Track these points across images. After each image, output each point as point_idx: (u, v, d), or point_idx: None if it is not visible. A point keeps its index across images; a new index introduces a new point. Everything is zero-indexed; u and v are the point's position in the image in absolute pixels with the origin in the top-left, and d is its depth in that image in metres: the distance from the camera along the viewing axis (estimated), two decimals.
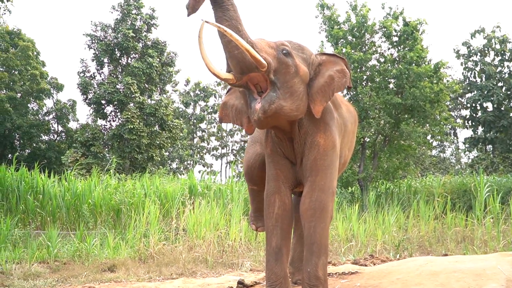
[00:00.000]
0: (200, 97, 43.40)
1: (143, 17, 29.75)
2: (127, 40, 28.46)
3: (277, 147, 4.12)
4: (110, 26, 29.21)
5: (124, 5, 29.29)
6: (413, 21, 20.90)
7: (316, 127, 4.00)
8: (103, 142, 28.43)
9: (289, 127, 3.96)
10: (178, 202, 12.66)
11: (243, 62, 3.57)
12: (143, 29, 29.64)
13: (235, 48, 3.55)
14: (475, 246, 9.12)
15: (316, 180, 3.99)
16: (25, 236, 10.87)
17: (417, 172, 26.89)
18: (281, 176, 4.07)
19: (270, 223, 4.06)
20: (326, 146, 4.02)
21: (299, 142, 4.01)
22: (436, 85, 20.28)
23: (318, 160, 3.99)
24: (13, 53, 32.24)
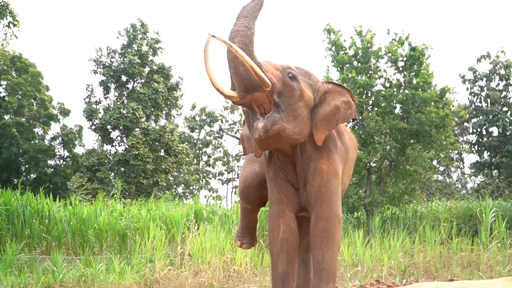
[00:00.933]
0: (206, 122, 43.30)
1: (149, 41, 29.84)
2: (132, 66, 28.58)
3: (279, 171, 4.09)
4: (117, 51, 29.38)
5: (130, 31, 29.45)
6: (419, 46, 20.97)
7: (319, 154, 3.99)
8: (109, 167, 28.45)
9: (291, 151, 3.95)
10: (183, 226, 12.68)
11: (247, 79, 3.57)
12: (149, 53, 29.75)
13: (240, 65, 3.54)
14: (480, 271, 9.09)
15: (321, 209, 3.99)
16: (31, 261, 10.86)
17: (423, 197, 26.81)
18: (285, 199, 4.04)
19: (275, 249, 4.02)
20: (329, 173, 4.01)
21: (302, 167, 4.00)
22: (442, 110, 20.30)
23: (322, 187, 3.97)
24: (24, 79, 32.38)
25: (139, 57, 29.02)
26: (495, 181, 32.81)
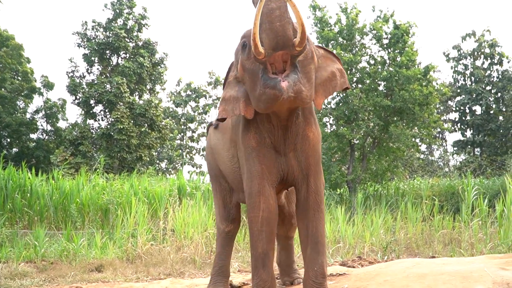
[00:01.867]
0: (191, 98, 43.39)
1: (135, 16, 29.70)
2: (118, 40, 28.43)
3: (266, 137, 3.95)
4: (102, 25, 29.12)
5: (117, 4, 29.22)
6: (403, 24, 21.02)
7: (306, 121, 3.92)
8: (92, 142, 28.38)
9: (288, 114, 3.84)
10: (166, 202, 12.66)
11: (282, 36, 3.38)
12: (135, 29, 29.58)
13: (277, 20, 3.36)
14: (462, 248, 9.14)
15: (311, 182, 3.95)
16: (12, 236, 10.81)
17: (405, 175, 27.00)
18: (266, 172, 3.93)
19: (256, 228, 3.95)
20: (316, 140, 3.97)
21: (293, 132, 3.89)
22: (426, 88, 20.42)
23: (310, 156, 3.92)
24: (5, 52, 32.13)
25: (125, 31, 28.84)
26: (477, 159, 33.04)
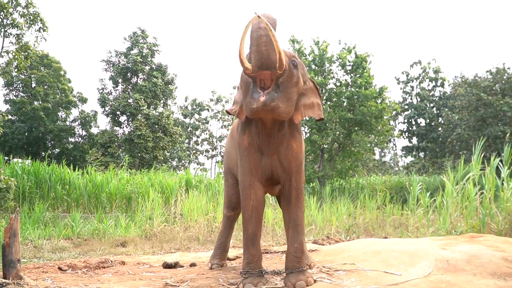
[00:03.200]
0: (196, 111, 43.84)
1: (148, 45, 29.80)
2: (136, 65, 28.73)
3: (255, 139, 3.94)
4: (123, 53, 29.35)
5: (133, 36, 29.48)
6: (362, 54, 21.20)
7: (291, 134, 3.93)
8: (118, 144, 28.48)
9: (271, 124, 3.82)
10: (176, 192, 12.65)
11: (266, 58, 3.41)
12: (149, 55, 29.69)
13: (263, 45, 3.39)
14: (409, 231, 9.17)
15: (293, 180, 3.96)
16: (54, 218, 10.76)
17: (364, 172, 27.07)
18: (254, 170, 3.92)
19: (247, 214, 3.96)
20: (298, 150, 3.98)
21: (276, 140, 3.85)
22: (380, 104, 20.59)
23: (292, 162, 3.93)
24: (47, 72, 32.31)
25: (141, 58, 28.99)
26: (421, 161, 33.21)
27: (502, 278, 3.67)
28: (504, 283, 3.53)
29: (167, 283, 4.07)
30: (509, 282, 3.57)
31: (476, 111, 25.89)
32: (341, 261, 4.41)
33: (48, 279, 4.30)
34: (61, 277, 4.51)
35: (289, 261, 3.89)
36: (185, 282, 4.09)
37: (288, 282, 3.77)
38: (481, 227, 7.10)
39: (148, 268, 5.19)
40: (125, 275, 4.70)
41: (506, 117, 24.76)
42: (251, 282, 3.78)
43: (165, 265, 5.15)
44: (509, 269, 3.85)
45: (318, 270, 4.21)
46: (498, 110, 24.75)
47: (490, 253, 4.19)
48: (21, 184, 12.11)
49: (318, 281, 3.83)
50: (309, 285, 3.71)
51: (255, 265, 3.93)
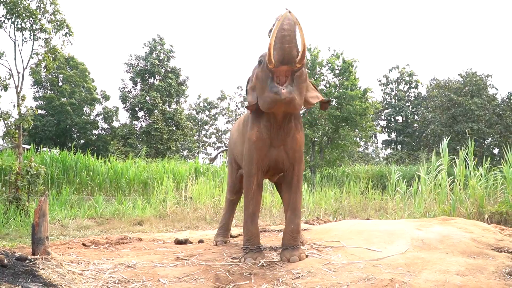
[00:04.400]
0: (206, 108, 44.04)
1: (165, 51, 29.79)
2: (153, 67, 28.78)
3: (264, 133, 3.85)
4: (142, 57, 29.36)
5: (152, 42, 29.48)
6: (349, 59, 21.15)
7: (296, 127, 3.89)
8: (137, 137, 28.51)
9: (282, 117, 3.78)
10: (186, 178, 12.63)
11: (288, 54, 3.35)
12: (165, 59, 29.71)
13: (287, 42, 3.32)
14: (388, 214, 9.17)
15: (295, 169, 3.92)
16: (79, 200, 10.72)
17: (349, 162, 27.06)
18: (260, 162, 3.88)
19: (249, 196, 3.92)
20: (301, 141, 3.94)
21: (284, 132, 3.81)
22: (364, 104, 20.57)
23: (296, 151, 3.88)
24: (74, 73, 32.43)
25: (158, 61, 29.00)
26: (399, 153, 33.21)
27: (472, 257, 3.65)
28: (473, 261, 3.50)
29: (178, 257, 4.04)
30: (477, 260, 3.55)
31: (448, 110, 25.87)
32: (329, 239, 4.40)
33: (73, 254, 4.27)
34: (85, 252, 4.49)
35: (286, 239, 3.87)
36: (194, 256, 4.07)
37: (284, 256, 3.75)
38: (451, 211, 7.08)
39: (161, 244, 5.17)
40: (141, 250, 4.68)
41: (474, 115, 24.74)
42: (251, 257, 3.76)
43: (177, 242, 5.13)
44: (477, 248, 3.83)
45: (309, 246, 4.19)
46: (467, 109, 24.73)
47: (460, 234, 4.17)
48: (50, 171, 12.03)
49: (310, 256, 3.81)
50: (302, 260, 3.70)
51: (254, 241, 3.92)
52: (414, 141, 34.74)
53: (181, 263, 3.79)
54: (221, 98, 44.20)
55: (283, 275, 3.31)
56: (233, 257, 3.98)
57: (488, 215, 6.42)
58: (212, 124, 44.30)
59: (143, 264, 3.75)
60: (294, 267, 3.49)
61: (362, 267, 3.43)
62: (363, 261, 3.57)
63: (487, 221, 6.22)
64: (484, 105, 25.19)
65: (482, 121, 24.72)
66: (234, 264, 3.69)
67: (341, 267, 3.44)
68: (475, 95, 25.59)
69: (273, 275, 3.33)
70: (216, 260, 3.86)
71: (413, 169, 19.94)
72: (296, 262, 3.64)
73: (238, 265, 3.64)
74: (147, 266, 3.68)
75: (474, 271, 3.23)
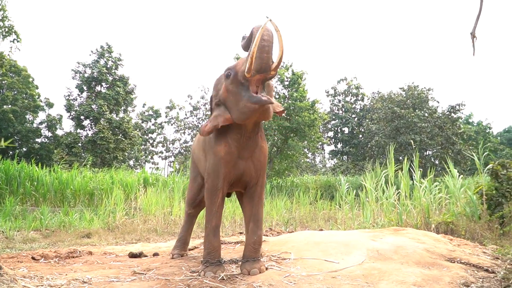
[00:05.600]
0: (152, 116, 43.34)
1: (113, 58, 29.19)
2: (101, 75, 28.16)
3: (233, 147, 3.80)
4: (89, 64, 28.65)
5: (100, 50, 28.80)
6: (298, 71, 21.47)
7: (261, 136, 3.89)
8: (82, 145, 27.68)
9: (252, 127, 3.76)
10: (135, 189, 12.38)
11: (265, 64, 3.36)
12: (113, 67, 29.08)
13: (266, 52, 3.34)
14: (338, 224, 9.29)
15: (259, 180, 3.92)
16: (23, 211, 10.28)
17: (298, 172, 27.40)
18: (227, 176, 3.81)
19: (213, 209, 3.85)
20: (266, 150, 3.94)
21: (253, 143, 3.80)
22: (312, 115, 20.89)
23: (262, 162, 3.88)
24: (17, 79, 31.25)
25: (106, 69, 28.41)
26: (345, 163, 33.92)
27: (426, 267, 3.75)
28: (429, 272, 3.61)
29: (135, 271, 3.93)
30: (432, 270, 3.66)
31: (391, 122, 26.74)
32: (287, 250, 4.41)
33: (24, 268, 4.07)
34: (35, 266, 4.29)
35: (247, 251, 3.85)
36: (151, 270, 3.98)
37: (244, 269, 3.73)
38: (399, 221, 7.28)
39: (114, 257, 5.02)
40: (94, 264, 4.53)
41: (416, 127, 25.69)
42: (211, 270, 3.71)
43: (131, 255, 5.00)
44: (431, 259, 3.95)
45: (268, 258, 4.19)
46: (410, 121, 25.66)
47: (413, 244, 4.29)
48: None
49: (269, 268, 3.81)
50: (262, 272, 3.68)
51: (214, 255, 3.86)
52: (359, 152, 35.66)
53: (139, 278, 3.69)
54: (170, 107, 43.67)
55: None
56: (192, 270, 3.92)
57: (434, 225, 6.64)
58: (159, 133, 43.68)
59: (99, 279, 3.62)
60: (254, 280, 3.48)
61: (322, 279, 3.46)
62: (322, 273, 3.60)
63: (434, 231, 6.44)
64: (425, 118, 26.22)
65: (424, 133, 25.70)
66: (194, 278, 3.63)
67: (301, 279, 3.45)
68: (417, 108, 26.62)
69: None
70: (175, 274, 3.79)
71: (359, 179, 20.44)
72: (257, 275, 3.63)
73: (198, 279, 3.58)
74: (103, 281, 3.56)
75: (430, 281, 3.32)
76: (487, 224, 6.31)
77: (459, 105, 26.75)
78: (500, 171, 6.76)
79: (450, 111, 26.87)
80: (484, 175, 7.22)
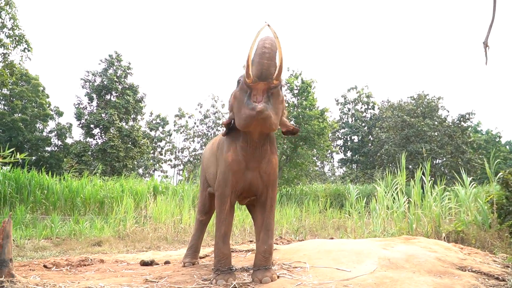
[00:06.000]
0: (160, 124, 43.52)
1: (122, 67, 29.35)
2: (111, 83, 28.28)
3: (240, 155, 3.84)
4: (99, 73, 28.78)
5: (109, 58, 28.97)
6: (307, 80, 21.50)
7: (271, 150, 3.91)
8: (92, 154, 27.83)
9: (258, 137, 3.78)
10: (146, 197, 12.45)
11: (266, 70, 3.38)
12: (122, 76, 29.24)
13: (266, 59, 3.37)
14: (348, 232, 9.26)
15: (270, 192, 3.95)
16: (34, 220, 10.37)
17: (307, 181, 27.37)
18: (235, 184, 3.85)
19: (222, 216, 3.90)
20: (276, 164, 3.96)
21: (260, 154, 3.82)
22: (322, 123, 20.90)
23: (271, 175, 3.91)
24: (26, 88, 31.58)
25: (115, 77, 28.58)
26: (354, 172, 33.83)
27: (438, 276, 3.75)
28: (440, 280, 3.61)
29: (147, 279, 3.97)
30: (444, 279, 3.66)
31: (401, 131, 26.65)
32: (299, 259, 4.42)
33: (36, 276, 4.12)
34: (48, 274, 4.33)
35: (258, 260, 3.87)
36: (163, 278, 4.01)
37: (256, 277, 3.75)
38: (409, 229, 7.25)
39: (126, 265, 5.05)
40: (106, 272, 4.56)
41: (426, 136, 25.58)
42: (222, 278, 3.73)
43: (143, 263, 5.03)
44: (443, 268, 3.95)
45: (279, 267, 4.20)
46: (420, 130, 25.56)
47: (425, 253, 4.28)
48: (2, 189, 11.65)
49: (281, 277, 3.83)
50: (274, 281, 3.70)
51: (225, 262, 3.89)
52: (369, 160, 35.56)
53: (151, 286, 3.72)
54: (179, 115, 43.88)
55: None
56: (203, 278, 3.94)
57: (445, 233, 6.62)
58: (167, 141, 43.86)
59: (112, 287, 3.66)
60: None
61: (334, 287, 3.47)
62: (333, 281, 3.61)
63: (444, 239, 6.42)
64: (435, 126, 26.11)
65: (434, 142, 25.59)
66: (206, 286, 3.65)
67: None
68: (427, 117, 26.52)
69: None
70: (187, 282, 3.81)
71: (368, 187, 20.38)
72: (268, 283, 3.65)
73: (210, 287, 3.61)
74: None
75: None
76: (497, 233, 6.28)
77: (469, 114, 26.61)
78: (511, 180, 6.73)
79: (460, 120, 26.74)
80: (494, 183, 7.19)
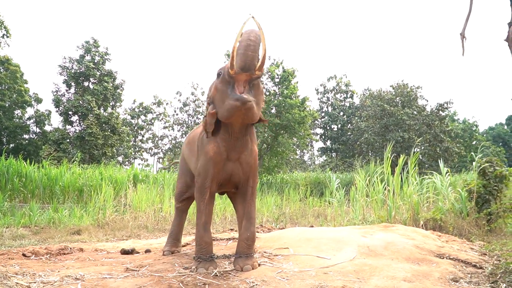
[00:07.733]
0: (142, 113, 43.12)
1: (100, 53, 28.84)
2: (88, 70, 27.81)
3: (221, 147, 3.83)
4: (76, 59, 28.24)
5: (86, 45, 28.42)
6: (289, 69, 21.52)
7: (252, 140, 3.93)
8: (70, 141, 27.45)
9: (239, 128, 3.78)
10: (125, 185, 12.36)
11: (250, 62, 3.38)
12: (100, 62, 28.73)
13: (250, 50, 3.36)
14: (327, 220, 9.35)
15: (249, 181, 3.97)
16: (12, 208, 10.21)
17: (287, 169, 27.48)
18: (215, 176, 3.87)
19: (202, 206, 3.90)
20: (256, 154, 3.98)
21: (241, 145, 3.82)
22: (302, 112, 20.98)
23: (252, 165, 3.93)
24: (4, 74, 30.87)
25: (93, 64, 28.10)
26: (334, 160, 34.07)
27: (416, 263, 3.82)
28: (418, 267, 3.67)
29: (128, 268, 3.95)
30: (422, 266, 3.73)
31: (381, 120, 26.89)
32: (280, 246, 4.45)
33: (15, 265, 4.07)
34: (27, 263, 4.28)
35: (240, 247, 3.89)
36: (144, 267, 3.99)
37: (237, 265, 3.77)
38: (388, 217, 7.36)
39: (106, 254, 5.02)
40: (86, 261, 4.53)
41: (405, 125, 25.86)
42: (203, 266, 3.74)
43: (123, 252, 5.00)
44: (421, 255, 4.02)
45: (260, 255, 4.23)
46: (399, 119, 25.82)
47: (403, 240, 4.35)
48: None
49: (262, 264, 3.85)
50: (255, 268, 3.73)
51: (206, 250, 3.90)
52: (348, 149, 35.84)
53: (131, 274, 3.70)
54: (156, 103, 43.54)
55: (237, 285, 3.32)
56: (184, 267, 3.94)
57: (423, 221, 6.73)
58: (148, 129, 43.54)
59: (92, 276, 3.63)
60: (247, 276, 3.51)
61: (314, 274, 3.51)
62: (314, 269, 3.64)
63: (422, 227, 6.53)
64: (414, 115, 26.41)
65: (412, 131, 25.89)
66: (187, 274, 3.65)
67: (293, 275, 3.50)
68: (406, 106, 26.80)
69: (228, 285, 3.34)
70: (168, 270, 3.81)
71: (348, 176, 20.56)
72: (249, 271, 3.67)
73: (191, 275, 3.61)
74: (96, 278, 3.57)
75: (420, 277, 3.39)
76: (474, 221, 6.41)
77: (447, 103, 26.95)
78: (488, 169, 6.87)
79: (438, 109, 27.07)
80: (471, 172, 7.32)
